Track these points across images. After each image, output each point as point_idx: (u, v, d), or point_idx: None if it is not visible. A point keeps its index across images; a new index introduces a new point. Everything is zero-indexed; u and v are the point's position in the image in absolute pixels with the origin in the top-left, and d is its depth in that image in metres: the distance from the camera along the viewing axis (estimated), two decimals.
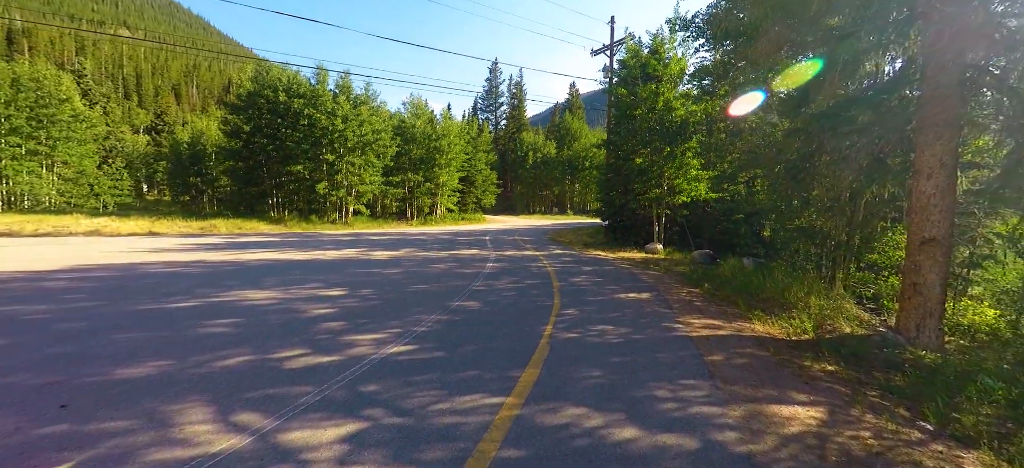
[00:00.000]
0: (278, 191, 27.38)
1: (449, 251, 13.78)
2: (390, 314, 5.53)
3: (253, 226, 23.59)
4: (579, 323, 5.26)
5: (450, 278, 8.52)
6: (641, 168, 17.42)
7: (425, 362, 3.81)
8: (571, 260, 12.35)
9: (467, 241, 18.50)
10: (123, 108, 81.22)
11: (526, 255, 13.29)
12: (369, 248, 14.25)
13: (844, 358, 4.72)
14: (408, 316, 5.43)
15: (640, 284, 8.44)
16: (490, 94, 72.99)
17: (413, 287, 7.49)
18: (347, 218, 28.01)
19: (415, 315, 5.48)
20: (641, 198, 17.49)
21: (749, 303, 6.92)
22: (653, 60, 17.68)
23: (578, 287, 7.87)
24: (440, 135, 33.83)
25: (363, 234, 21.55)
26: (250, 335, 4.55)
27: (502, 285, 7.81)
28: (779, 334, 5.41)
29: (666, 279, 9.32)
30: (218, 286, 7.21)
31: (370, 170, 28.05)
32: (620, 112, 18.76)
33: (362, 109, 26.91)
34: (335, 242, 16.57)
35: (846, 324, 6.15)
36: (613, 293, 7.36)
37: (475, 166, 42.15)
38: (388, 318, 5.33)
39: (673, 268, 11.46)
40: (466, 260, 11.53)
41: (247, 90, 26.02)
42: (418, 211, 35.23)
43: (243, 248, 13.54)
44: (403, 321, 5.19)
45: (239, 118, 26.30)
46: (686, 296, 7.44)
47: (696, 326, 5.33)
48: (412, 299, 6.49)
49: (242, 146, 26.50)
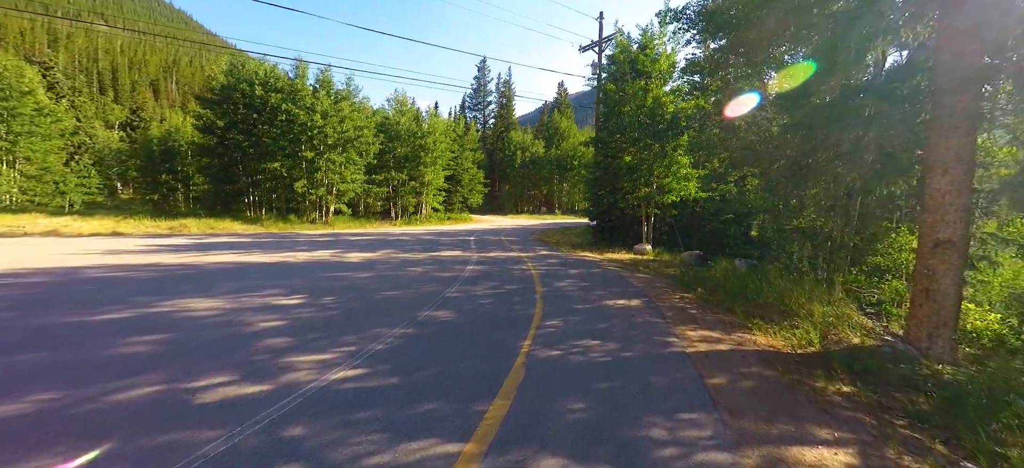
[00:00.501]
0: (255, 190, 26.29)
1: (429, 253, 13.08)
2: (348, 327, 4.85)
3: (227, 226, 22.54)
4: (562, 337, 4.64)
5: (425, 283, 7.85)
6: (630, 166, 16.93)
7: (373, 392, 3.15)
8: (557, 262, 11.75)
9: (450, 242, 17.80)
10: (97, 103, 78.50)
11: (510, 256, 12.66)
12: (345, 250, 13.48)
13: (858, 375, 4.19)
14: (368, 330, 4.75)
15: (629, 289, 7.87)
16: (478, 92, 72.24)
17: (382, 294, 6.80)
18: (327, 218, 27.04)
19: (376, 328, 4.80)
20: (630, 197, 17.00)
21: (747, 310, 6.39)
22: (642, 56, 17.21)
23: (563, 292, 7.26)
24: (425, 133, 33.00)
25: (342, 235, 20.69)
26: (171, 356, 3.84)
27: (480, 291, 7.17)
28: (783, 347, 4.87)
29: (656, 283, 8.78)
30: (162, 293, 6.44)
31: (352, 168, 27.11)
32: (609, 109, 18.24)
33: (343, 105, 25.96)
34: (310, 243, 15.74)
35: (852, 333, 5.65)
36: (601, 299, 6.76)
37: (462, 165, 41.37)
38: (344, 332, 4.65)
39: (663, 270, 10.94)
40: (446, 262, 10.85)
41: (220, 83, 24.87)
42: (403, 211, 34.37)
43: (208, 250, 12.66)
44: (361, 336, 4.52)
45: (213, 113, 25.12)
46: (679, 302, 6.89)
47: (693, 339, 4.75)
48: (378, 308, 5.80)
49: (216, 142, 25.34)
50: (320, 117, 24.31)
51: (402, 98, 33.27)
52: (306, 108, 24.27)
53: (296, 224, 25.32)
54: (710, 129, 10.85)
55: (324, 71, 27.09)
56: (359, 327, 4.86)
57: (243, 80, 25.11)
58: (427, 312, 5.62)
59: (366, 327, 4.86)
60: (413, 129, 33.08)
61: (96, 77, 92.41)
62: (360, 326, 4.91)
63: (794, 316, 6.05)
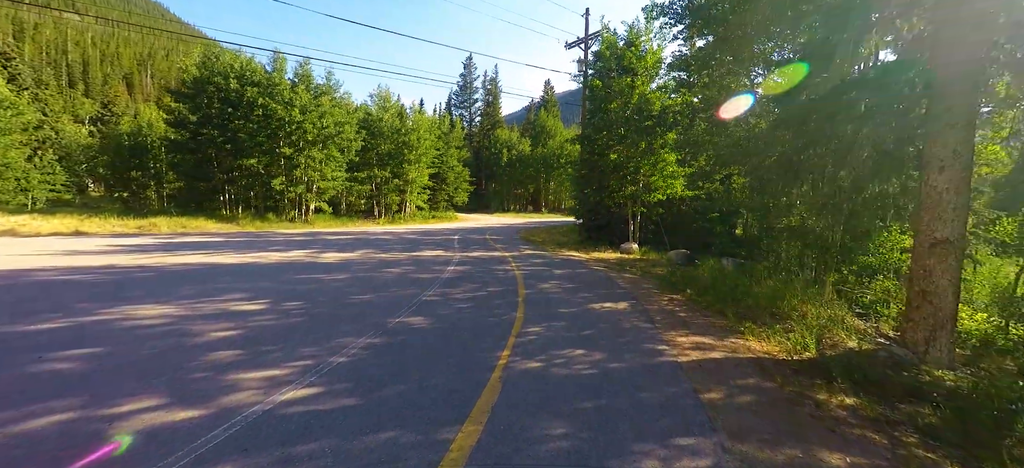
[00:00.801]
0: (230, 187, 25.31)
1: (410, 252, 12.60)
2: (309, 337, 4.40)
3: (199, 225, 21.63)
4: (544, 346, 4.27)
5: (402, 285, 7.40)
6: (616, 164, 16.69)
7: (324, 418, 2.74)
8: (542, 262, 11.41)
9: (433, 241, 17.32)
10: (66, 97, 75.43)
11: (494, 256, 12.27)
12: (321, 249, 12.91)
13: (859, 385, 3.92)
14: (331, 339, 4.31)
15: (616, 290, 7.56)
16: (464, 90, 71.54)
17: (354, 297, 6.34)
18: (307, 217, 26.24)
19: (341, 338, 4.37)
20: (616, 195, 16.77)
21: (737, 312, 6.13)
22: (629, 52, 16.97)
23: (547, 295, 6.90)
24: (409, 130, 32.33)
25: (321, 234, 20.01)
26: (99, 375, 3.35)
27: (459, 294, 6.76)
28: (779, 353, 4.59)
29: (644, 284, 8.50)
30: (110, 299, 5.87)
31: (332, 165, 26.33)
32: (595, 106, 17.97)
33: (323, 100, 25.16)
34: (286, 243, 15.10)
35: (847, 337, 5.43)
36: (587, 302, 6.42)
37: (447, 163, 40.76)
38: (304, 343, 4.20)
39: (650, 270, 10.69)
40: (426, 263, 10.41)
41: (193, 76, 23.83)
42: (386, 209, 33.65)
43: (175, 250, 11.97)
44: (322, 347, 4.08)
45: (185, 107, 24.05)
46: (668, 304, 6.59)
47: (684, 347, 4.43)
48: (346, 314, 5.36)
49: (189, 138, 24.27)
50: (299, 112, 23.50)
51: (385, 94, 32.53)
52: (284, 103, 23.43)
53: (274, 223, 24.49)
54: (698, 125, 10.62)
55: (303, 64, 26.24)
56: (322, 336, 4.41)
57: (217, 73, 24.12)
58: (400, 318, 5.19)
59: (330, 336, 4.42)
60: (396, 126, 32.37)
61: (65, 70, 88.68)
62: (323, 335, 4.46)
63: (787, 319, 5.80)
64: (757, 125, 8.19)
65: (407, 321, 5.07)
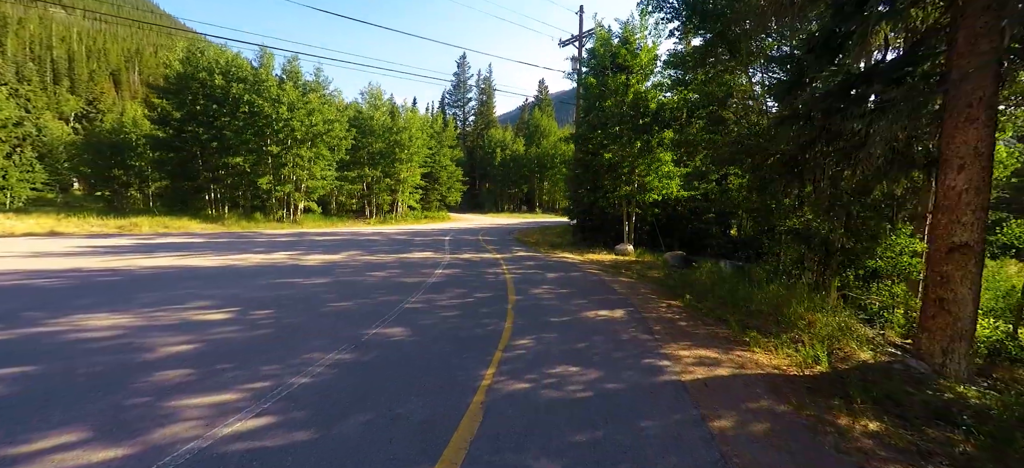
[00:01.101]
0: (216, 186, 24.63)
1: (398, 254, 12.15)
2: (273, 352, 3.96)
3: (183, 225, 20.98)
4: (534, 362, 3.87)
5: (384, 290, 6.97)
6: (611, 164, 16.35)
7: (270, 458, 2.31)
8: (535, 265, 11.01)
9: (423, 242, 16.87)
10: (50, 94, 73.85)
11: (485, 258, 11.85)
12: (306, 251, 12.41)
13: (880, 404, 3.57)
14: (297, 355, 3.88)
15: (612, 296, 7.18)
16: (458, 89, 71.05)
17: (331, 305, 5.90)
18: (296, 216, 25.62)
19: (308, 353, 3.93)
20: (611, 196, 16.42)
21: (740, 320, 5.78)
22: (623, 49, 16.64)
23: (539, 301, 6.50)
24: (401, 128, 31.80)
25: (308, 234, 19.47)
26: (19, 401, 2.89)
27: (445, 300, 6.34)
28: (789, 367, 4.23)
29: (640, 288, 8.12)
30: (61, 307, 5.38)
31: (321, 164, 25.74)
32: (589, 104, 17.61)
33: (312, 97, 24.55)
34: (270, 244, 14.57)
35: (858, 348, 5.09)
36: (581, 310, 6.03)
37: (439, 162, 40.24)
38: (266, 359, 3.77)
39: (646, 273, 10.34)
40: (414, 265, 9.97)
41: (177, 72, 23.14)
42: (377, 209, 33.10)
43: (151, 252, 11.42)
44: (285, 365, 3.64)
45: (168, 103, 23.34)
46: (666, 311, 6.22)
47: (687, 361, 4.05)
48: (320, 325, 4.92)
49: (173, 135, 23.58)
50: (286, 109, 22.89)
51: (376, 91, 31.96)
52: (271, 100, 22.82)
53: (261, 223, 23.88)
54: (695, 123, 10.28)
55: (291, 61, 25.62)
56: (287, 351, 3.98)
57: (202, 69, 23.44)
58: (377, 329, 4.76)
59: (296, 351, 3.99)
60: (388, 124, 31.83)
61: (50, 66, 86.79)
62: (289, 350, 4.03)
63: (793, 327, 5.45)
64: (758, 123, 7.86)
65: (385, 332, 4.64)
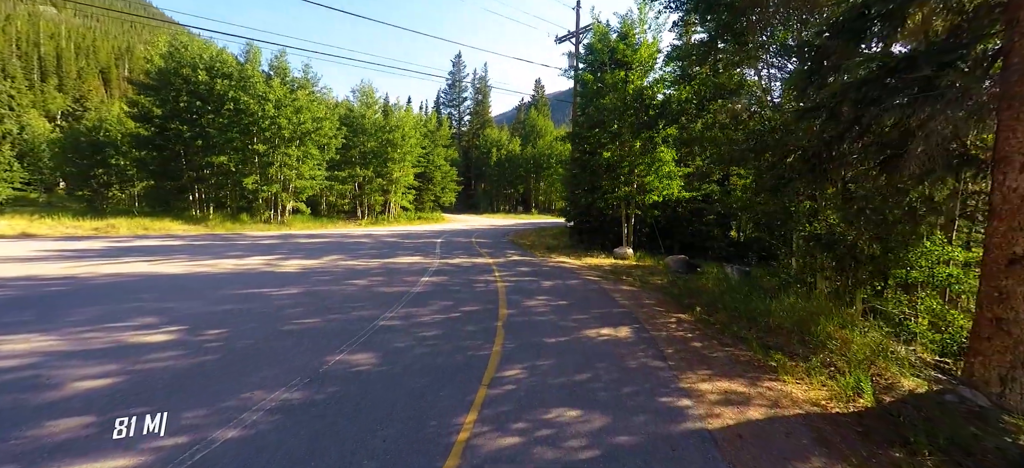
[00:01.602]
0: (200, 186, 23.75)
1: (384, 259, 11.41)
2: (207, 389, 3.24)
3: (164, 226, 20.12)
4: (525, 402, 3.17)
5: (361, 303, 6.24)
6: (609, 163, 15.68)
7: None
8: (529, 271, 10.31)
9: (414, 245, 16.13)
10: (37, 91, 72.48)
11: (477, 264, 11.14)
12: (286, 255, 11.65)
13: (947, 453, 2.91)
14: (234, 394, 3.16)
15: (614, 309, 6.49)
16: (453, 88, 70.30)
17: (296, 322, 5.17)
18: (283, 217, 24.78)
19: (249, 391, 3.22)
20: (609, 197, 15.75)
21: (759, 337, 5.11)
22: (622, 45, 15.98)
23: (533, 317, 5.80)
24: (393, 127, 31.01)
25: (294, 237, 18.67)
26: None
27: (427, 316, 5.62)
28: (828, 402, 3.56)
29: (644, 298, 7.44)
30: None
31: (310, 163, 24.89)
32: (586, 101, 16.94)
33: (300, 94, 23.72)
34: (250, 247, 13.79)
35: (900, 372, 4.43)
36: (580, 327, 5.34)
37: (433, 162, 39.45)
38: (194, 400, 3.04)
39: (649, 280, 9.67)
40: (399, 272, 9.24)
41: (158, 67, 22.25)
42: (369, 210, 32.28)
43: (120, 256, 10.63)
44: (214, 409, 2.92)
45: (149, 100, 22.43)
46: (676, 327, 5.54)
47: (710, 399, 3.37)
48: (273, 349, 4.19)
49: (155, 133, 22.67)
50: (272, 107, 22.05)
51: (368, 89, 31.13)
52: (257, 97, 21.99)
53: (247, 224, 23.04)
54: (706, 117, 9.60)
55: (279, 57, 24.78)
56: (226, 388, 3.26)
57: (185, 64, 22.58)
58: (342, 355, 4.04)
59: (236, 387, 3.27)
60: (380, 123, 31.05)
61: (37, 63, 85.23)
62: (229, 385, 3.31)
63: (821, 347, 4.79)
64: (772, 117, 7.21)
65: (350, 360, 3.92)
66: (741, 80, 8.32)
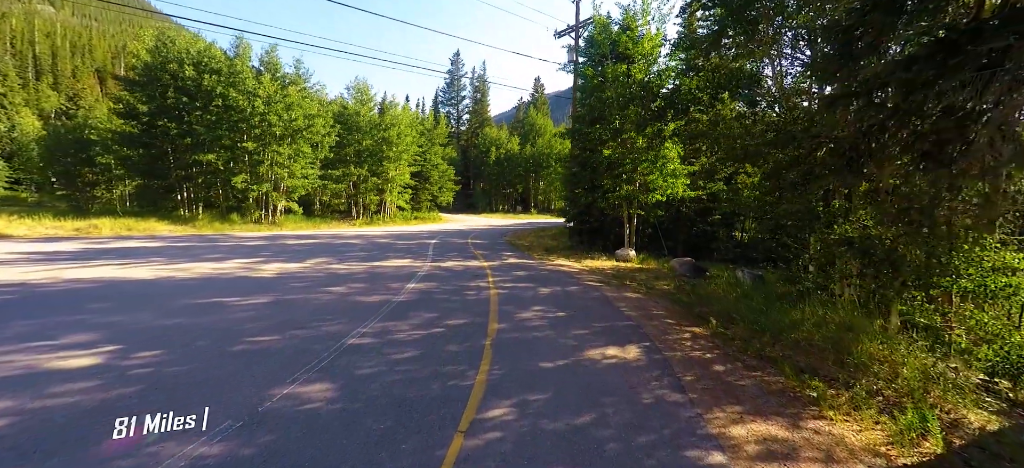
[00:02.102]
0: (188, 185, 23.03)
1: (371, 263, 10.70)
2: (100, 439, 2.53)
3: (149, 227, 19.41)
4: (510, 459, 2.46)
5: (332, 315, 5.53)
6: (610, 161, 14.97)
7: None
8: (526, 275, 9.60)
9: (406, 246, 15.42)
10: (32, 90, 71.80)
11: (470, 267, 10.43)
12: (268, 258, 10.95)
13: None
14: (127, 451, 2.45)
15: (620, 321, 5.78)
16: (451, 87, 69.56)
17: (250, 340, 4.46)
18: (275, 217, 24.06)
19: (153, 442, 2.51)
20: (610, 196, 15.03)
21: (788, 356, 4.41)
22: (624, 36, 15.27)
23: (527, 333, 5.09)
24: (388, 125, 30.30)
25: (282, 237, 17.96)
26: None
27: (405, 332, 4.91)
28: (888, 446, 2.85)
29: (652, 308, 6.73)
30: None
31: (302, 162, 24.16)
32: (587, 96, 16.22)
33: (291, 90, 22.98)
34: (233, 249, 13.08)
35: (961, 403, 3.72)
36: (582, 346, 4.63)
37: (430, 160, 38.71)
38: (77, 460, 2.34)
39: (654, 285, 8.97)
40: (383, 278, 8.53)
41: (144, 62, 21.52)
42: (364, 210, 31.58)
43: (89, 260, 9.93)
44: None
45: (135, 96, 21.68)
46: (691, 344, 4.84)
47: (746, 449, 2.65)
48: (213, 377, 3.48)
49: (141, 130, 21.93)
50: (262, 103, 21.32)
51: (363, 86, 30.38)
52: (247, 93, 21.26)
53: (237, 224, 22.33)
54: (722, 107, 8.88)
55: (269, 52, 24.03)
56: (119, 443, 2.55)
57: (172, 59, 21.86)
58: (292, 386, 3.33)
59: (133, 439, 2.56)
60: (375, 120, 30.35)
61: (33, 62, 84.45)
62: (136, 431, 2.60)
63: (863, 371, 4.09)
64: (795, 108, 6.50)
65: (300, 393, 3.21)
66: (756, 70, 7.62)
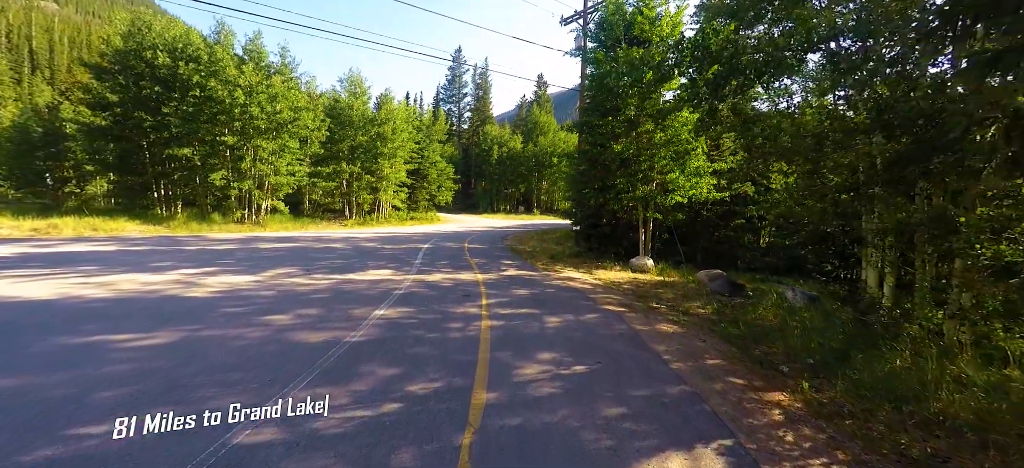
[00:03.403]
0: (165, 181, 21.40)
1: (343, 275, 8.96)
2: None
3: (117, 227, 17.73)
4: None
5: (242, 372, 3.78)
6: (623, 158, 13.21)
7: None
8: (529, 296, 7.84)
9: (392, 252, 13.68)
10: (27, 84, 70.57)
11: (461, 282, 8.67)
12: (223, 269, 9.22)
13: None
14: None
15: (670, 387, 4.00)
16: (453, 83, 67.93)
17: (63, 433, 2.72)
18: (259, 217, 22.38)
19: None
20: (624, 197, 13.26)
21: (923, 442, 2.64)
22: (640, 17, 13.52)
23: (532, 414, 3.31)
24: (383, 120, 28.60)
25: (259, 239, 16.24)
26: None
27: (338, 414, 3.14)
28: None
29: (705, 354, 4.94)
30: None
31: (288, 157, 22.46)
32: (597, 85, 14.44)
33: (275, 80, 21.30)
34: (193, 255, 11.36)
35: None
36: (618, 440, 2.87)
37: (428, 158, 36.94)
38: None
39: (688, 308, 7.19)
40: (349, 299, 6.78)
41: (116, 48, 19.90)
42: (358, 209, 29.88)
43: (14, 267, 8.24)
44: None
45: (105, 86, 20.03)
46: (791, 435, 3.06)
47: None
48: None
49: (112, 122, 20.29)
50: (243, 94, 19.63)
51: (356, 77, 28.64)
52: (227, 83, 19.58)
53: (218, 224, 20.66)
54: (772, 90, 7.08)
55: (254, 39, 22.31)
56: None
57: (147, 45, 20.22)
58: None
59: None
60: (369, 114, 28.65)
61: (29, 56, 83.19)
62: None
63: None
64: (896, 84, 4.72)
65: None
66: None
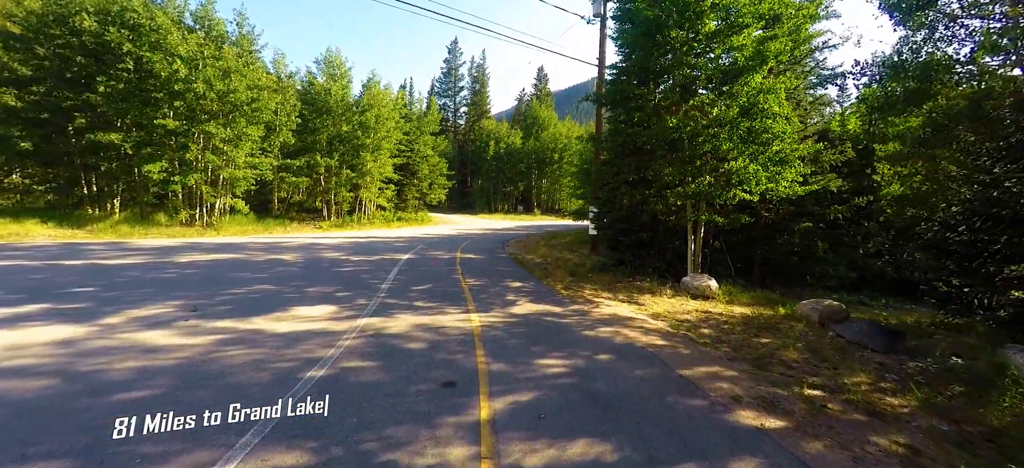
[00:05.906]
0: (94, 175, 17.78)
1: (248, 318, 5.43)
2: None
3: (17, 231, 14.09)
4: None
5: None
6: (672, 142, 9.73)
7: None
8: (566, 374, 4.34)
9: (354, 270, 10.17)
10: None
11: (442, 331, 5.15)
12: (56, 306, 5.68)
13: None
14: None
15: None
16: (448, 76, 64.30)
17: None
18: (212, 217, 18.77)
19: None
20: (671, 194, 9.83)
21: None
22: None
23: None
24: (365, 107, 25.05)
25: (191, 247, 12.64)
26: None
27: None
28: None
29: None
30: None
31: (246, 147, 18.87)
32: (632, 40, 10.95)
33: (227, 51, 17.74)
34: (49, 281, 7.80)
35: None
36: None
37: (418, 151, 33.34)
38: None
39: (843, 381, 3.74)
40: (200, 404, 3.28)
41: (30, 9, 16.28)
42: (336, 209, 26.29)
43: None
44: None
45: (14, 57, 16.35)
46: None
47: None
48: None
49: (27, 104, 16.66)
50: (184, 66, 16.03)
51: (335, 57, 24.99)
52: (165, 52, 15.97)
53: (162, 226, 17.07)
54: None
55: (205, 4, 18.68)
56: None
57: (74, 10, 16.58)
58: None
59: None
60: (349, 101, 25.08)
61: None
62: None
63: None
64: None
65: None
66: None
